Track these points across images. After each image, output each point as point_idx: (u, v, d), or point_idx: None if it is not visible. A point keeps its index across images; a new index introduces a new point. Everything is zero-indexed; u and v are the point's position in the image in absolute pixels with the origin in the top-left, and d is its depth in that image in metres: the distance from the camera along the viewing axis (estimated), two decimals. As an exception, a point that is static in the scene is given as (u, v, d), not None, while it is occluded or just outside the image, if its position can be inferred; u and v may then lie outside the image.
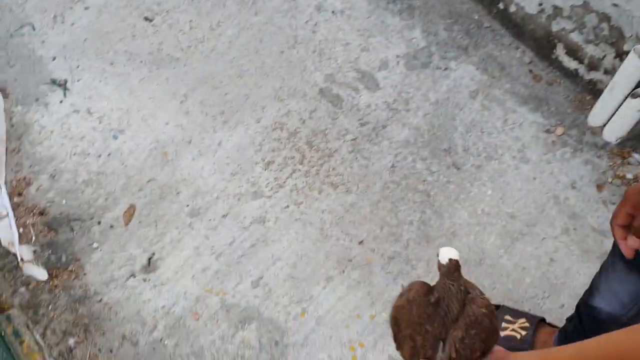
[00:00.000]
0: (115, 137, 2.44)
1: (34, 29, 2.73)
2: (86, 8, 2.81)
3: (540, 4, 2.55)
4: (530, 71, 2.69)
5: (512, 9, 2.70)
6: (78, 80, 2.58)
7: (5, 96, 2.52)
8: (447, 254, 1.01)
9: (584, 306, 1.52)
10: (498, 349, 0.97)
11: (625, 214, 1.15)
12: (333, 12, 2.86)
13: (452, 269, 1.00)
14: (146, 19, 2.79)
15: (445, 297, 0.99)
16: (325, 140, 2.49)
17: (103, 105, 2.52)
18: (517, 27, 2.73)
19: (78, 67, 2.63)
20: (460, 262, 1.00)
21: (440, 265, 1.01)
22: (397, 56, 2.73)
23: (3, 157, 2.31)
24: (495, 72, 2.68)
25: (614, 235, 1.18)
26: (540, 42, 2.66)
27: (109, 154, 2.40)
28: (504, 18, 2.77)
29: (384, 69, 2.69)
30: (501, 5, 2.75)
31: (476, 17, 2.85)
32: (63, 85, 2.56)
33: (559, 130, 2.48)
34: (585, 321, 1.53)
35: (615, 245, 1.36)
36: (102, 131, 2.46)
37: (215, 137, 2.48)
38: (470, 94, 2.61)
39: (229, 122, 2.52)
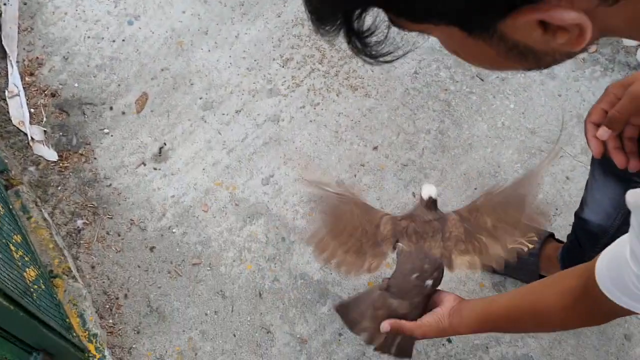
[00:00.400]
0: (130, 23, 2.36)
1: None
2: None
3: None
4: (570, -18, 2.52)
5: None
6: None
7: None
8: (428, 191, 1.25)
9: (577, 219, 1.50)
10: (454, 297, 1.18)
11: (600, 110, 1.05)
12: None
13: (429, 205, 1.25)
14: None
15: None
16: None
17: (118, -12, 2.42)
18: None
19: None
20: (438, 199, 1.27)
21: (420, 199, 1.27)
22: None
23: (15, 35, 2.25)
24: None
25: (585, 134, 1.08)
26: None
27: (123, 40, 2.32)
28: None
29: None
30: None
31: None
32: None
33: (592, 48, 2.36)
34: (580, 235, 1.51)
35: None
36: (117, 16, 2.37)
37: (232, 29, 2.38)
38: (503, 2, 2.47)
39: (248, 15, 2.42)
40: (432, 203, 1.24)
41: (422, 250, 1.20)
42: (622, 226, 1.33)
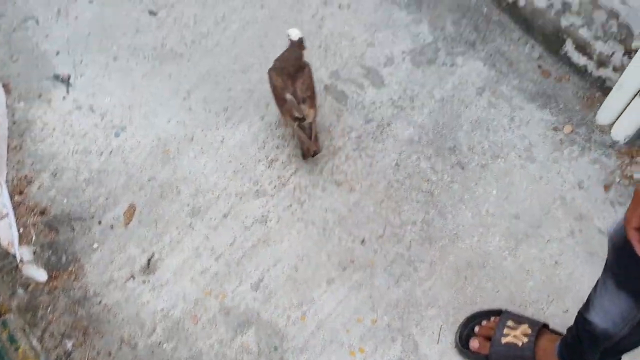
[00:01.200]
0: (117, 135, 2.42)
1: (37, 22, 2.71)
2: (90, 1, 2.78)
3: (550, -1, 2.49)
4: (539, 67, 2.62)
5: (521, 3, 2.63)
6: (81, 76, 2.56)
7: (8, 92, 2.51)
8: (295, 33, 2.22)
9: (581, 318, 1.49)
10: None
11: (639, 216, 1.06)
12: (339, 6, 2.81)
13: (296, 43, 2.23)
14: (151, 12, 2.76)
15: (290, 63, 2.22)
16: (329, 137, 2.46)
17: (105, 102, 2.51)
18: (526, 22, 2.66)
19: (81, 62, 2.61)
20: (304, 40, 2.23)
21: (290, 40, 2.22)
22: (403, 52, 2.68)
23: (4, 155, 2.31)
24: (503, 68, 2.62)
25: (630, 239, 1.08)
26: (549, 37, 2.60)
27: (110, 152, 2.38)
28: (513, 12, 2.71)
29: (389, 65, 2.65)
30: (510, -1, 2.68)
31: (485, 11, 2.79)
32: (66, 81, 2.55)
33: (567, 128, 2.43)
34: (582, 333, 1.50)
35: (607, 262, 1.32)
36: (104, 128, 2.44)
37: (217, 134, 2.45)
38: (476, 90, 2.56)
39: (232, 119, 2.50)
40: (301, 42, 2.24)
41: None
42: (628, 336, 1.33)
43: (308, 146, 2.22)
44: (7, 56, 2.60)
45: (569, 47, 2.53)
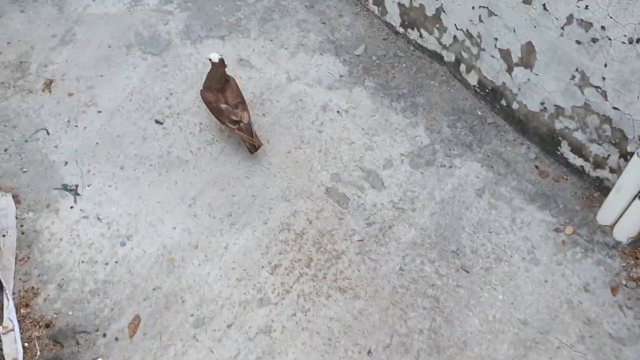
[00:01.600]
0: (122, 244, 2.45)
1: (48, 133, 2.81)
2: (99, 112, 2.89)
3: (542, 103, 2.58)
4: (537, 167, 2.69)
5: (515, 106, 2.73)
6: (88, 186, 2.62)
7: (18, 202, 2.56)
8: (215, 56, 2.58)
9: None
10: None
11: None
12: (338, 111, 2.92)
13: (218, 64, 2.59)
14: (157, 121, 2.86)
15: (215, 80, 2.63)
16: (332, 241, 2.48)
17: (112, 211, 2.55)
18: (521, 124, 2.75)
19: (89, 171, 2.68)
20: (224, 60, 2.62)
21: (212, 63, 2.59)
22: (402, 154, 2.75)
23: (12, 267, 2.33)
24: (501, 169, 2.68)
25: None
26: (544, 139, 2.68)
27: (116, 262, 2.40)
28: (507, 114, 2.80)
29: (388, 167, 2.71)
30: (504, 102, 2.78)
31: (479, 113, 2.89)
32: (74, 191, 2.60)
33: (569, 229, 2.45)
34: None
35: None
36: (110, 237, 2.47)
37: (222, 240, 2.48)
38: (476, 192, 2.61)
39: (236, 225, 2.53)
40: (222, 62, 2.62)
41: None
42: None
43: (252, 143, 2.64)
44: (17, 167, 2.67)
45: (564, 148, 2.60)
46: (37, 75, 3.02)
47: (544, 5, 2.32)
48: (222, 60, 2.61)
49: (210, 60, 2.62)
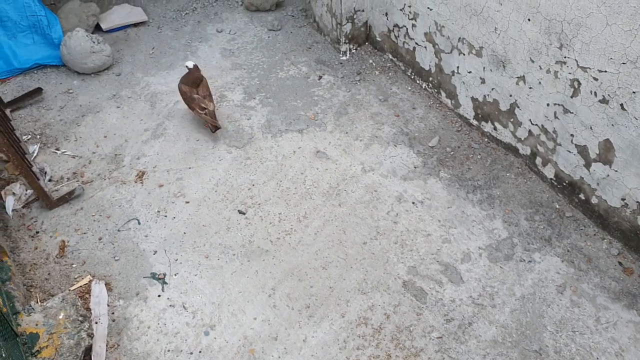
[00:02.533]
0: (206, 334, 2.54)
1: (139, 223, 3.00)
2: (187, 202, 3.07)
3: (623, 199, 2.55)
4: (620, 263, 2.62)
5: (594, 200, 2.71)
6: (175, 274, 2.76)
7: (109, 290, 2.72)
8: (191, 63, 3.42)
9: None
10: None
11: None
12: (413, 202, 2.98)
13: (193, 69, 3.42)
14: (240, 212, 3.01)
15: (191, 79, 3.43)
16: (410, 337, 2.48)
17: (197, 300, 2.66)
18: (601, 218, 2.71)
19: (176, 260, 2.82)
20: (197, 65, 3.45)
21: (188, 68, 3.42)
22: (479, 248, 2.76)
23: (103, 354, 2.45)
24: (582, 265, 2.63)
25: None
26: (627, 235, 2.62)
27: (200, 351, 2.49)
28: (586, 208, 2.78)
29: (466, 261, 2.72)
30: (582, 196, 2.77)
31: (557, 207, 2.87)
32: (162, 279, 2.75)
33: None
34: None
35: None
36: (195, 327, 2.57)
37: (300, 332, 2.53)
38: (557, 288, 2.56)
39: (314, 317, 2.58)
40: (196, 67, 3.43)
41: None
42: None
43: (214, 124, 3.36)
44: (110, 255, 2.85)
45: (649, 245, 2.54)
46: (130, 167, 3.26)
47: (621, 105, 2.34)
48: (196, 66, 3.46)
49: (187, 67, 3.44)
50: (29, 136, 3.44)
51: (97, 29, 4.20)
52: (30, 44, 3.90)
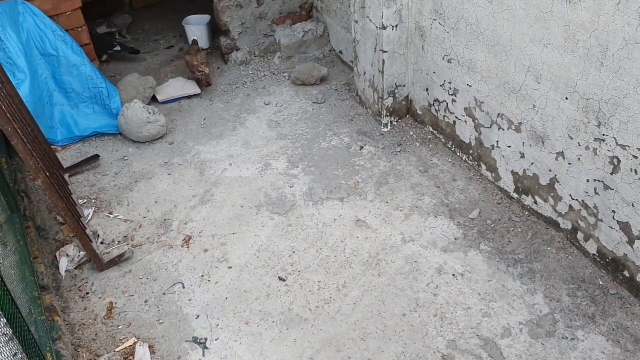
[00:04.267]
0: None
1: (183, 287, 3.09)
2: (229, 267, 3.16)
3: (670, 278, 2.51)
4: (670, 345, 2.54)
5: (639, 278, 2.67)
6: (216, 340, 2.81)
7: (153, 353, 2.78)
8: (193, 39, 4.86)
9: None
10: None
11: None
12: (454, 275, 2.98)
13: (193, 43, 4.78)
14: (280, 279, 3.08)
15: (193, 51, 4.66)
16: (448, 414, 2.43)
17: (236, 366, 2.70)
18: (648, 297, 2.66)
19: (218, 325, 2.88)
20: (197, 41, 4.83)
21: (191, 42, 4.89)
22: (520, 323, 2.72)
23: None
24: (629, 345, 2.56)
25: None
26: (676, 316, 2.55)
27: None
28: (631, 286, 2.73)
29: (507, 336, 2.68)
30: (627, 274, 2.72)
31: (601, 283, 2.83)
32: (203, 344, 2.80)
33: None
34: None
35: None
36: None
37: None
38: (603, 369, 2.49)
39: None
40: (196, 42, 4.80)
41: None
42: None
43: (207, 81, 4.52)
44: (155, 318, 2.94)
45: (699, 327, 2.46)
46: (178, 232, 3.40)
47: (663, 183, 2.35)
48: (195, 41, 4.77)
49: (191, 41, 4.83)
50: (85, 200, 3.64)
51: (153, 100, 4.48)
52: (91, 113, 4.18)
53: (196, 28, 5.06)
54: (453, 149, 3.73)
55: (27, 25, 3.92)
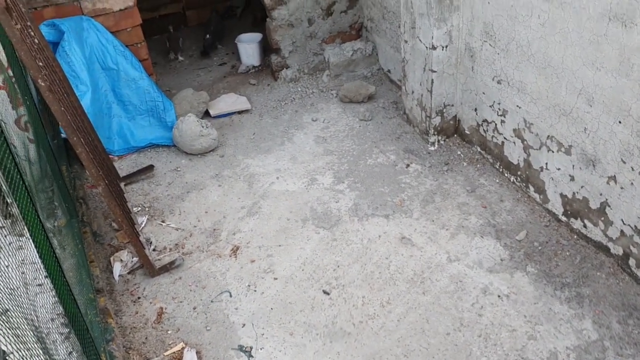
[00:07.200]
0: (287, 411, 2.60)
1: (230, 295, 3.17)
2: (275, 279, 3.23)
3: None
4: None
5: (694, 307, 2.59)
6: (261, 349, 2.87)
7: (199, 358, 2.86)
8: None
9: None
10: None
11: None
12: (499, 296, 2.97)
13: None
14: (324, 292, 3.12)
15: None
16: None
17: (280, 377, 2.74)
18: (702, 327, 2.58)
19: (262, 334, 2.94)
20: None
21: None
22: (567, 348, 2.69)
23: (190, 420, 2.56)
24: (682, 376, 2.50)
25: None
26: None
27: None
28: (685, 315, 2.66)
29: (553, 360, 2.65)
30: (681, 302, 2.66)
31: (653, 311, 2.77)
32: (248, 352, 2.87)
33: None
34: None
35: None
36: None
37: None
38: (654, 399, 2.43)
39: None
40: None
41: None
42: None
43: None
44: (203, 325, 3.02)
45: None
46: (226, 242, 3.49)
47: None
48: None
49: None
50: (139, 208, 3.79)
51: (206, 114, 4.63)
52: (147, 125, 4.36)
53: (248, 46, 5.22)
54: (500, 170, 3.72)
55: (90, 40, 4.12)
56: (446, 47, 3.71)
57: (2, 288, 2.04)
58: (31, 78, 3.18)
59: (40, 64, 2.75)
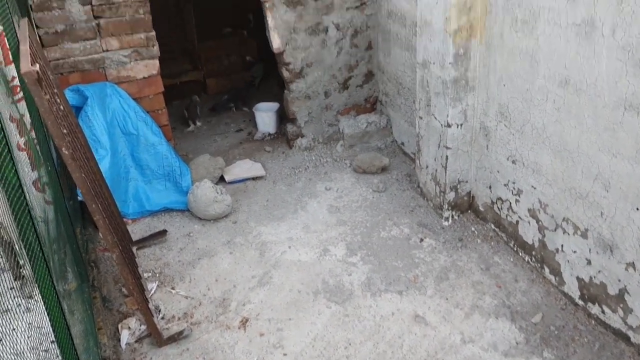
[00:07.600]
0: None
1: None
2: (284, 354, 3.15)
3: None
4: None
5: None
6: None
7: None
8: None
9: None
10: None
11: None
12: (514, 382, 2.88)
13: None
14: (334, 370, 3.04)
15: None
16: None
17: None
18: None
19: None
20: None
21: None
22: None
23: None
24: None
25: None
26: None
27: None
28: None
29: None
30: None
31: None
32: None
33: None
34: None
35: None
36: None
37: None
38: None
39: None
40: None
41: None
42: None
43: None
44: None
45: None
46: (235, 313, 3.44)
47: None
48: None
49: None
50: (150, 274, 3.77)
51: (221, 179, 4.68)
52: (163, 189, 4.40)
53: (265, 114, 5.33)
54: (515, 249, 3.70)
55: (112, 106, 4.23)
56: (461, 125, 3.77)
57: (7, 351, 2.01)
58: (54, 144, 3.24)
59: (65, 130, 2.81)
